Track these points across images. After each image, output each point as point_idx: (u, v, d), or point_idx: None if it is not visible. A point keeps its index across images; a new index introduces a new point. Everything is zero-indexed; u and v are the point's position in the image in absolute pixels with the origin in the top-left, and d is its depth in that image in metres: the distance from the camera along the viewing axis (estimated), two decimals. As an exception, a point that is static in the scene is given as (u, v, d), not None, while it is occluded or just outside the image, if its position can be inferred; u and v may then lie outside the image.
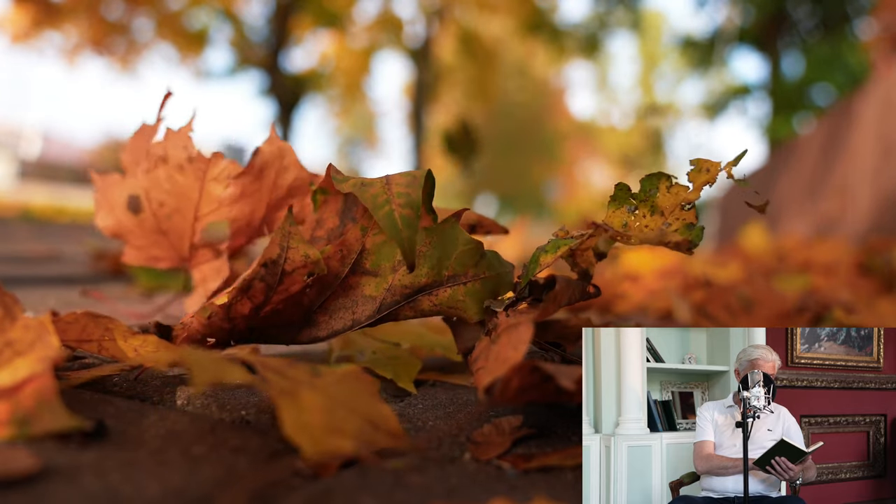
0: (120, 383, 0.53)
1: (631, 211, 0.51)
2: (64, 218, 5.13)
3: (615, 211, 0.51)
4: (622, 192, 0.51)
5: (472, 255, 0.52)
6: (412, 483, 0.37)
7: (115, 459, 0.36)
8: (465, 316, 0.52)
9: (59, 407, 0.37)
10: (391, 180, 0.50)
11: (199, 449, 0.39)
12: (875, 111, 3.81)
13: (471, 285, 0.52)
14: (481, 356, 0.47)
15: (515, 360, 0.40)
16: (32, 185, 15.21)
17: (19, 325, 0.41)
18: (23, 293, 1.07)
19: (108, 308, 0.97)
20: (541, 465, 0.40)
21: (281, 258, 0.48)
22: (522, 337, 0.42)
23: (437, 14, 13.10)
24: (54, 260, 1.81)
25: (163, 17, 10.78)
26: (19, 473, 0.32)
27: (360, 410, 0.38)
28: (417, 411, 0.52)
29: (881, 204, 3.47)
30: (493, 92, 15.06)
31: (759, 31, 12.23)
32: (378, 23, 12.62)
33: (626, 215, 0.51)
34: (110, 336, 0.49)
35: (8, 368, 0.38)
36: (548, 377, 0.40)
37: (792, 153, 5.65)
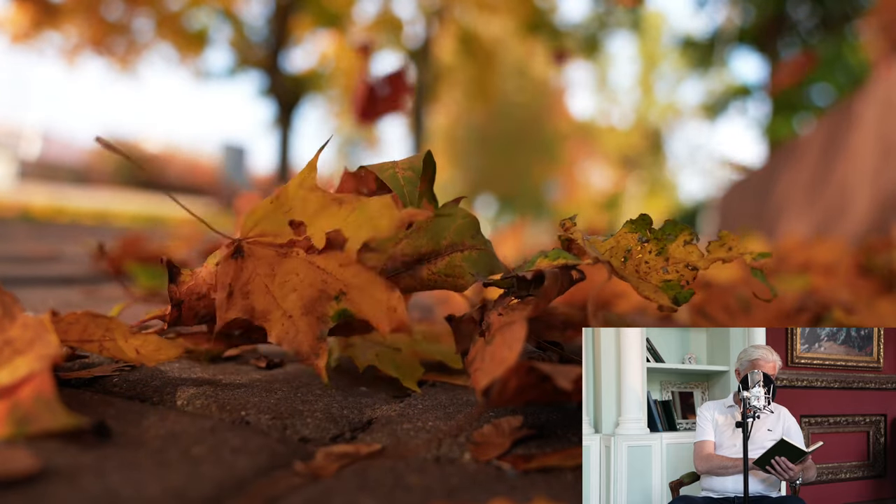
0: (120, 383, 0.53)
1: (641, 241, 0.52)
2: (64, 218, 5.13)
3: (627, 233, 0.52)
4: (643, 222, 0.52)
5: (469, 228, 0.55)
6: (412, 483, 0.37)
7: (115, 460, 0.36)
8: (460, 283, 0.54)
9: (57, 406, 0.37)
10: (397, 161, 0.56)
11: (199, 449, 0.39)
12: (875, 111, 3.81)
13: (468, 253, 0.55)
14: (478, 357, 0.47)
15: (511, 359, 0.40)
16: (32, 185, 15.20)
17: (18, 324, 0.41)
18: (23, 293, 1.07)
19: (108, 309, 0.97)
20: (541, 466, 0.40)
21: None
22: (517, 335, 0.42)
23: (437, 14, 13.10)
24: (54, 260, 1.81)
25: (163, 17, 10.78)
26: (19, 473, 0.32)
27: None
28: (417, 412, 0.52)
29: (881, 204, 3.47)
30: (493, 92, 15.05)
31: (759, 32, 12.23)
32: (378, 23, 12.61)
33: (635, 243, 0.52)
34: (111, 336, 0.49)
35: (7, 367, 0.38)
36: (545, 377, 0.40)
37: (792, 153, 5.65)
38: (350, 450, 0.41)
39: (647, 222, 0.52)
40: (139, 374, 0.55)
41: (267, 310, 0.50)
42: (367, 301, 0.50)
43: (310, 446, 0.43)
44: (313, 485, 0.36)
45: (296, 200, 0.50)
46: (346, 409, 0.50)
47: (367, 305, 0.50)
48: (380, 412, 0.51)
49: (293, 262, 0.51)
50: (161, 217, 6.97)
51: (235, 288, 0.51)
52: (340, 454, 0.40)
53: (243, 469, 0.37)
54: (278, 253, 0.51)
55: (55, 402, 0.37)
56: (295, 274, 0.51)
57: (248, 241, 0.51)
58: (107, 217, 6.18)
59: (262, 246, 0.51)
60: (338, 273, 0.50)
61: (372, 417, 0.49)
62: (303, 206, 0.50)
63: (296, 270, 0.51)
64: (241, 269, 0.51)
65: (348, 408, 0.51)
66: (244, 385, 0.55)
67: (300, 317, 0.50)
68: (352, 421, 0.48)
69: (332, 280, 0.50)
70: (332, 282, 0.50)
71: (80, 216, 5.80)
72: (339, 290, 0.50)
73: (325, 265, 0.50)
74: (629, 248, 0.52)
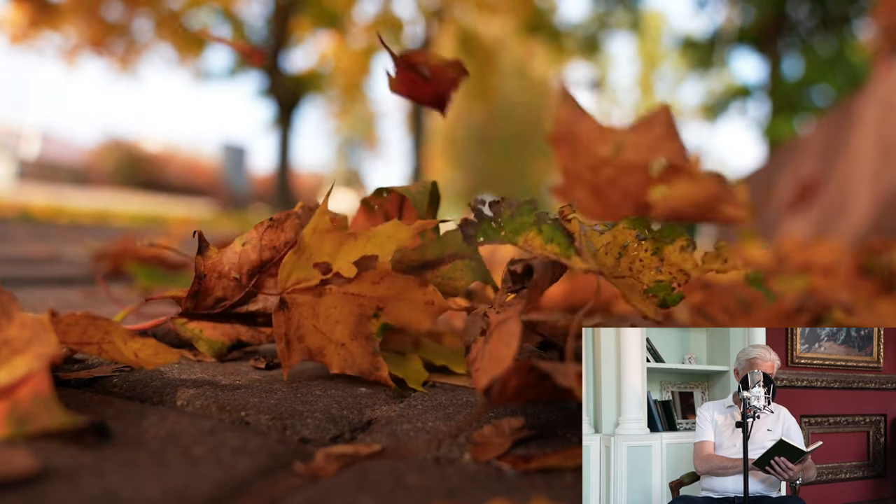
0: (119, 384, 0.53)
1: (639, 238, 0.52)
2: (63, 218, 5.13)
3: (625, 228, 0.52)
4: (642, 222, 0.52)
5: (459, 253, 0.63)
6: (412, 484, 0.37)
7: (114, 460, 0.36)
8: (459, 285, 0.62)
9: (54, 405, 0.37)
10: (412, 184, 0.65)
11: (199, 450, 0.39)
12: (875, 112, 3.81)
13: (467, 261, 0.63)
14: (478, 357, 0.47)
15: (509, 357, 0.40)
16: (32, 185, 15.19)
17: (17, 323, 0.40)
18: (22, 294, 1.07)
19: (108, 311, 0.97)
20: (540, 466, 0.40)
21: None
22: (512, 331, 0.42)
23: (437, 14, 13.10)
24: (54, 261, 1.81)
25: (162, 17, 10.78)
26: (19, 474, 0.32)
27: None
28: (417, 412, 0.52)
29: (881, 204, 3.47)
30: (493, 92, 15.05)
31: (759, 32, 12.23)
32: (378, 23, 12.62)
33: (632, 240, 0.52)
34: (110, 339, 0.49)
35: (6, 367, 0.38)
36: (545, 376, 0.40)
37: (792, 154, 5.65)
38: (350, 450, 0.41)
39: (647, 224, 0.52)
40: (139, 375, 0.55)
41: (321, 346, 0.56)
42: (405, 305, 0.56)
43: (309, 447, 0.43)
44: (313, 485, 0.36)
45: (314, 246, 0.55)
46: (346, 409, 0.50)
47: (405, 310, 0.56)
48: (379, 413, 0.51)
49: (329, 298, 0.56)
50: (161, 217, 6.97)
51: (291, 336, 0.56)
52: (340, 454, 0.40)
53: (243, 469, 0.37)
54: (314, 294, 0.56)
55: (53, 402, 0.37)
56: (334, 308, 0.56)
57: (287, 293, 0.56)
58: (106, 217, 6.18)
59: (299, 293, 0.56)
60: (371, 292, 0.56)
61: (372, 418, 0.49)
62: (321, 248, 0.55)
63: (333, 304, 0.56)
64: (290, 318, 0.56)
65: (348, 408, 0.51)
66: (244, 385, 0.55)
67: (351, 342, 0.56)
68: (351, 421, 0.48)
69: (367, 301, 0.56)
70: (367, 303, 0.56)
71: (80, 216, 5.80)
72: (375, 307, 0.56)
73: (358, 290, 0.56)
74: (626, 243, 0.52)
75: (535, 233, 0.51)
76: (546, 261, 0.49)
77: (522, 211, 0.52)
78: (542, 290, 0.50)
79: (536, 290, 0.48)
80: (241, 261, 0.58)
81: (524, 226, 0.52)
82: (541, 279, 0.48)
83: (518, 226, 0.52)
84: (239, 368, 0.62)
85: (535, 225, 0.51)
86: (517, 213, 0.52)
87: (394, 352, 0.68)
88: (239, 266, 0.58)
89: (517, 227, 0.52)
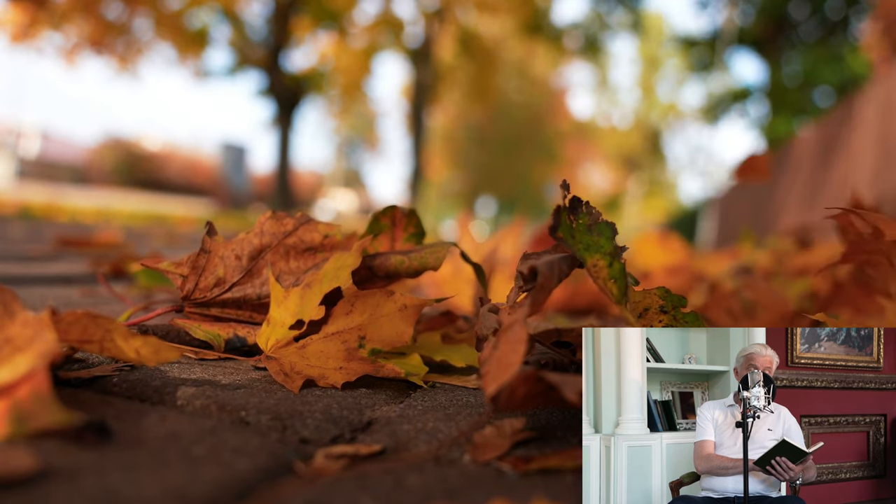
0: (120, 383, 0.53)
1: (662, 310, 0.52)
2: (63, 217, 5.13)
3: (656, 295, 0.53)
4: (675, 298, 0.52)
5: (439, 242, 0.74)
6: (412, 484, 0.37)
7: (114, 460, 0.36)
8: (429, 262, 0.69)
9: (53, 402, 0.37)
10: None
11: (199, 450, 0.39)
12: (875, 112, 3.81)
13: (433, 248, 0.71)
14: (487, 360, 0.47)
15: (516, 363, 0.40)
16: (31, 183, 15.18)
17: (18, 321, 0.40)
18: (22, 293, 1.07)
19: (108, 309, 0.97)
20: (540, 467, 0.40)
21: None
22: (519, 337, 0.42)
23: (437, 15, 13.09)
24: (53, 259, 1.80)
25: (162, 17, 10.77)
26: (19, 473, 0.32)
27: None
28: (417, 412, 0.52)
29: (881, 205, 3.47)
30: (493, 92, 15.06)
31: (760, 33, 12.24)
32: (378, 23, 12.61)
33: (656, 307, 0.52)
34: (111, 337, 0.49)
35: (8, 365, 0.38)
36: (553, 387, 0.40)
37: (792, 154, 5.65)
38: (350, 451, 0.41)
39: (680, 301, 0.52)
40: (139, 374, 0.55)
41: (321, 374, 0.57)
42: (383, 323, 0.59)
43: (309, 447, 0.43)
44: (313, 485, 0.36)
45: (280, 316, 0.60)
46: (346, 409, 0.50)
47: (384, 328, 0.59)
48: (380, 413, 0.51)
49: (312, 346, 0.60)
50: (160, 216, 6.97)
51: (288, 372, 0.58)
52: (340, 455, 0.40)
53: (243, 469, 0.37)
54: (298, 348, 0.60)
55: (51, 399, 0.37)
56: (320, 351, 0.59)
57: (268, 356, 0.60)
58: (106, 216, 6.18)
59: (281, 350, 0.60)
60: (347, 324, 0.60)
61: (372, 418, 0.49)
62: (288, 309, 0.60)
63: (318, 350, 0.59)
64: (282, 364, 0.58)
65: (348, 409, 0.51)
66: (244, 385, 0.55)
67: (349, 363, 0.58)
68: (351, 422, 0.48)
69: (348, 334, 0.59)
70: (349, 337, 0.59)
71: (79, 214, 5.80)
72: (357, 339, 0.59)
73: (336, 328, 0.60)
74: (647, 307, 0.52)
75: (605, 263, 0.51)
76: (553, 260, 0.49)
77: (600, 230, 0.51)
78: (549, 292, 0.49)
79: (542, 292, 0.47)
80: (243, 246, 0.68)
81: (597, 247, 0.51)
82: (546, 281, 0.47)
83: (591, 244, 0.51)
84: (239, 368, 0.62)
85: (609, 256, 0.50)
86: (595, 228, 0.51)
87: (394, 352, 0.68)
88: (241, 249, 0.68)
89: (590, 244, 0.50)
